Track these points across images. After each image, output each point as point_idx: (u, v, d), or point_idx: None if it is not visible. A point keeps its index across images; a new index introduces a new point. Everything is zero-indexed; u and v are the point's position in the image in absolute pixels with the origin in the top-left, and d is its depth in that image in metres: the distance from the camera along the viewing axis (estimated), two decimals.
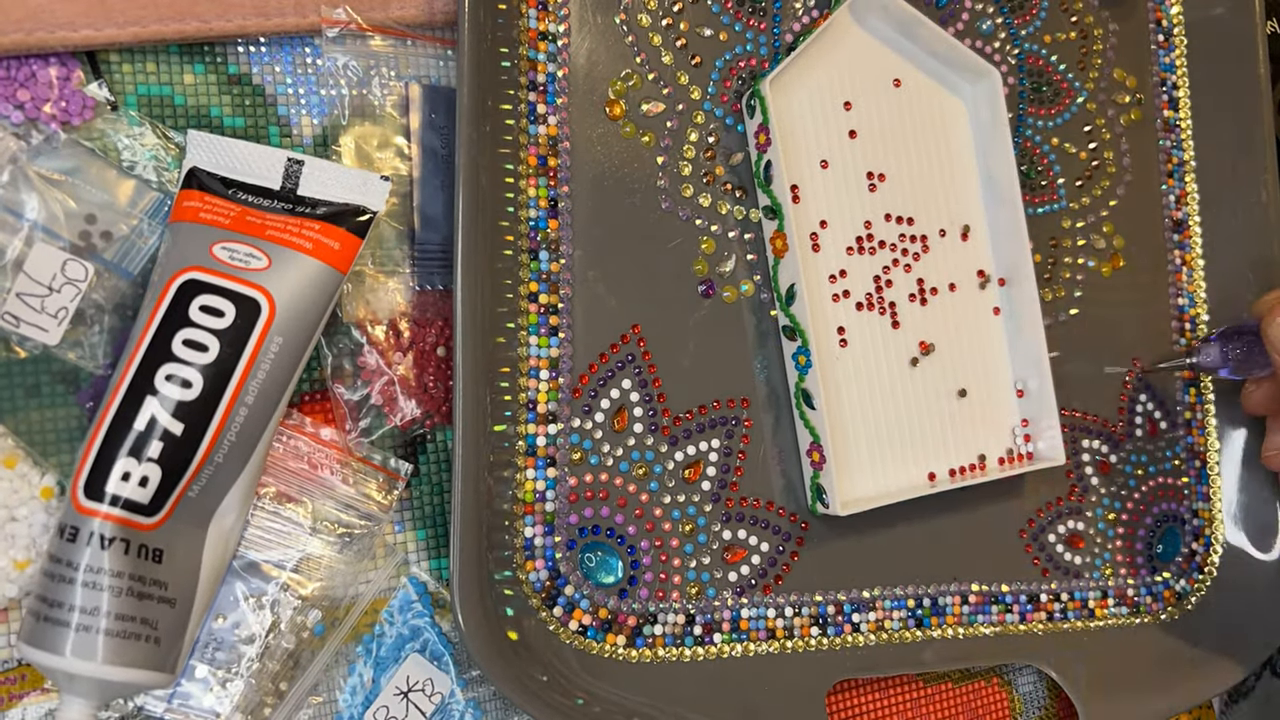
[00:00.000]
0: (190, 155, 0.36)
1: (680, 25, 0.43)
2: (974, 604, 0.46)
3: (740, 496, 0.43)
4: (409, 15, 0.40)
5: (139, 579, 0.32)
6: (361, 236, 0.36)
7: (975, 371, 0.46)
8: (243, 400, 0.33)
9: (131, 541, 0.32)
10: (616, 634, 0.40)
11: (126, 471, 0.32)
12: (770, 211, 0.42)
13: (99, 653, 0.31)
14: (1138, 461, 0.51)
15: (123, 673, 0.31)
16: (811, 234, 0.43)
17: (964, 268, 0.46)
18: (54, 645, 0.31)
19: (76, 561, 0.31)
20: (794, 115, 0.43)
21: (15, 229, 0.34)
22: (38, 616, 0.31)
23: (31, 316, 0.34)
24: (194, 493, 0.33)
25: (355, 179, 0.37)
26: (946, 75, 0.46)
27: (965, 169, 0.46)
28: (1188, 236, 0.53)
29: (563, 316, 0.40)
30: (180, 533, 0.33)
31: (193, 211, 0.35)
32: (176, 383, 0.32)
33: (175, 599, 0.33)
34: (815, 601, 0.44)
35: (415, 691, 0.38)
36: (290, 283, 0.34)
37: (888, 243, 0.45)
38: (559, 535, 0.40)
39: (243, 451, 0.34)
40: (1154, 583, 0.51)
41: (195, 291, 0.33)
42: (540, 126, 0.40)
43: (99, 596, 0.31)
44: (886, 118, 0.45)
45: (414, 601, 0.39)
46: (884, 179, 0.45)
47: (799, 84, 0.43)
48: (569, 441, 0.40)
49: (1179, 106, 0.53)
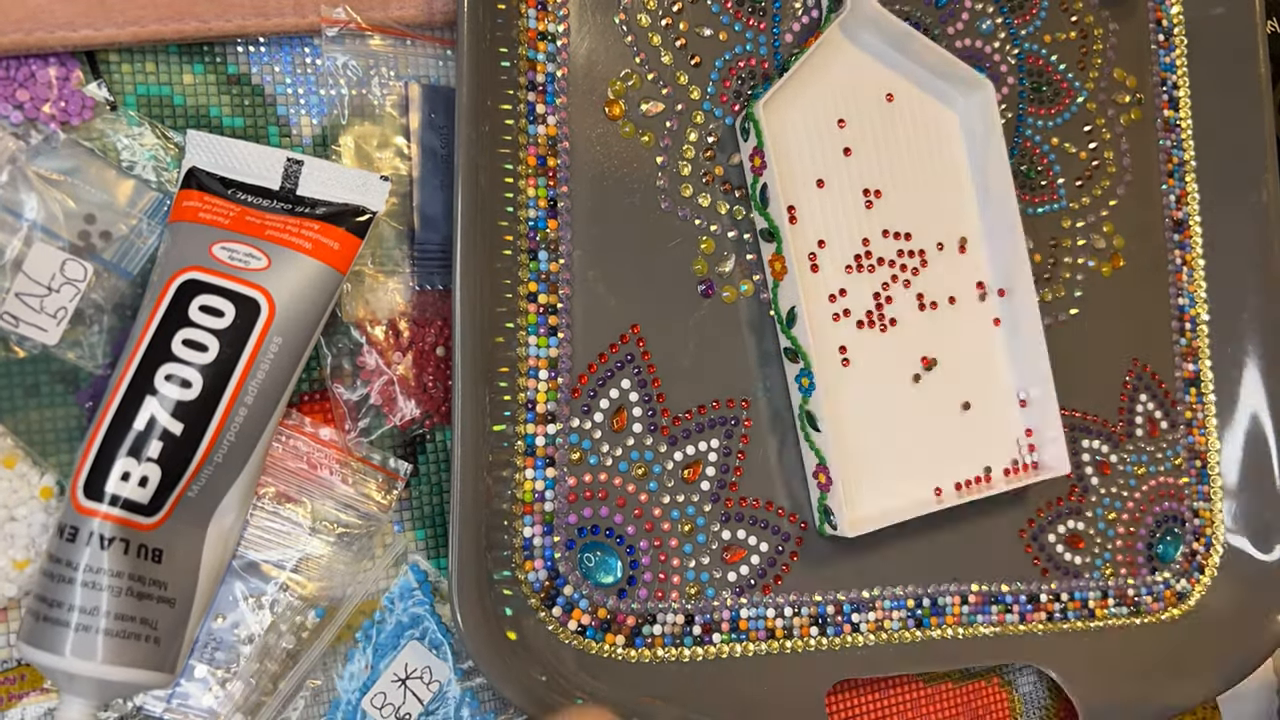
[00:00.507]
0: (189, 155, 0.36)
1: (680, 25, 0.43)
2: (974, 604, 0.46)
3: (739, 496, 0.43)
4: (408, 15, 0.40)
5: (138, 579, 0.32)
6: (361, 236, 0.36)
7: (978, 383, 0.46)
8: (242, 400, 0.33)
9: (131, 541, 0.32)
10: (615, 634, 0.40)
11: (126, 471, 0.32)
12: (768, 234, 0.42)
13: (99, 652, 0.31)
14: (1138, 461, 0.51)
15: (122, 672, 0.31)
16: (810, 254, 0.43)
17: (963, 280, 0.46)
18: (54, 645, 0.31)
19: (76, 561, 0.31)
20: (788, 136, 0.43)
21: (14, 229, 0.34)
22: (37, 616, 0.31)
23: (31, 316, 0.34)
24: (193, 493, 0.33)
25: (355, 179, 0.37)
26: (940, 88, 0.46)
27: (961, 181, 0.46)
28: (1188, 236, 0.53)
29: (562, 316, 0.40)
30: (180, 533, 0.33)
31: (192, 211, 0.35)
32: (176, 382, 0.32)
33: (175, 599, 0.33)
34: (815, 601, 0.43)
35: (413, 679, 0.38)
36: (290, 283, 0.34)
37: (886, 259, 0.45)
38: (558, 535, 0.40)
39: (242, 451, 0.34)
40: (1154, 583, 0.51)
41: (195, 291, 0.33)
42: (539, 126, 0.40)
43: (98, 596, 0.31)
44: (880, 133, 0.45)
45: (414, 589, 0.39)
46: (880, 195, 0.45)
47: (792, 104, 0.43)
48: (568, 441, 0.40)
49: (1179, 106, 0.53)
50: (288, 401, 0.36)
